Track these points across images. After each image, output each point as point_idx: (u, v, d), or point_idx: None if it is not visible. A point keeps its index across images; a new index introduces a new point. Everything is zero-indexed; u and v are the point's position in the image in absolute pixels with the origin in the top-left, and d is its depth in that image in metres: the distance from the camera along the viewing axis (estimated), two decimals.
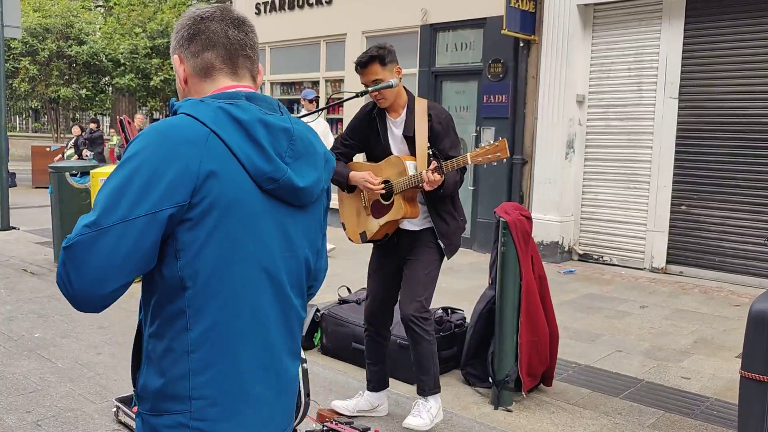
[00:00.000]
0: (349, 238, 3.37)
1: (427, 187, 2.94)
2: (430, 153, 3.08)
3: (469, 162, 2.93)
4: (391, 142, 3.20)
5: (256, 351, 1.34)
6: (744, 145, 6.83)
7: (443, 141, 3.13)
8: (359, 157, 3.39)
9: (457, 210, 3.26)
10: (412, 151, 3.12)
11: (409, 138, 3.13)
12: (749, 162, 6.81)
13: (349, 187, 3.27)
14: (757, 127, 6.75)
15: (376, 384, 3.48)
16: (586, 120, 7.96)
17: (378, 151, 3.24)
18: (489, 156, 2.89)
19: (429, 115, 3.14)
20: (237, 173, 1.27)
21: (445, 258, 3.26)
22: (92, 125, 15.10)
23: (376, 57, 3.05)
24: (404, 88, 3.23)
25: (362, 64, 3.07)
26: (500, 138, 2.96)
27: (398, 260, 3.29)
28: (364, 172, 3.19)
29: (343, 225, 3.44)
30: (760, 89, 6.71)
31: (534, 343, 3.69)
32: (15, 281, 6.30)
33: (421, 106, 3.17)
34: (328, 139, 7.57)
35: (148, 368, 1.33)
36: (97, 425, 3.32)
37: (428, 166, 2.99)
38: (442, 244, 3.18)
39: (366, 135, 3.28)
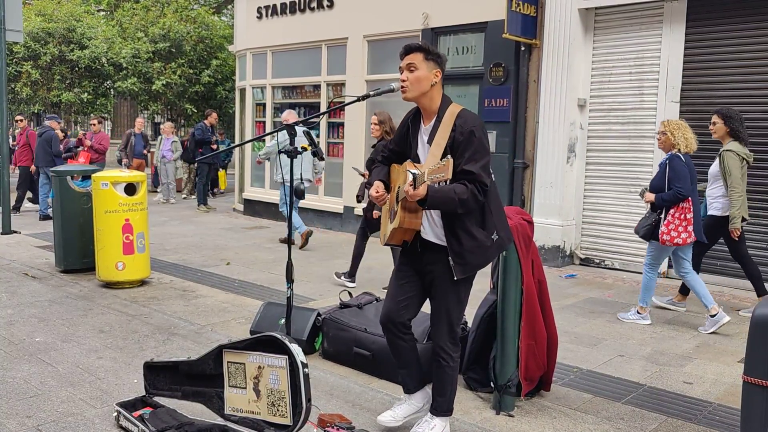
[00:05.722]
0: (379, 239, 3.36)
1: (409, 199, 2.84)
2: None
3: (426, 179, 2.73)
4: (420, 149, 3.11)
5: None
6: None
7: (463, 153, 2.92)
8: None
9: (486, 227, 3.03)
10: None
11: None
12: (749, 166, 6.79)
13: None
14: (757, 132, 6.74)
15: (412, 386, 3.33)
16: (588, 124, 7.96)
17: (411, 158, 3.14)
18: (437, 175, 2.68)
19: (455, 125, 2.97)
20: None
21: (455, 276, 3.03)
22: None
23: (421, 47, 3.03)
24: (444, 95, 3.10)
25: (407, 49, 3.05)
26: (448, 157, 2.75)
27: (419, 268, 3.18)
28: (379, 181, 3.18)
29: None
30: (761, 93, 6.72)
31: (531, 347, 3.69)
32: (16, 285, 6.30)
33: (451, 113, 3.02)
34: None
35: None
36: (97, 430, 3.32)
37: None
38: (451, 261, 3.00)
39: (404, 141, 3.20)
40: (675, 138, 5.30)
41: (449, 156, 2.77)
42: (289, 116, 8.89)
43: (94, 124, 13.26)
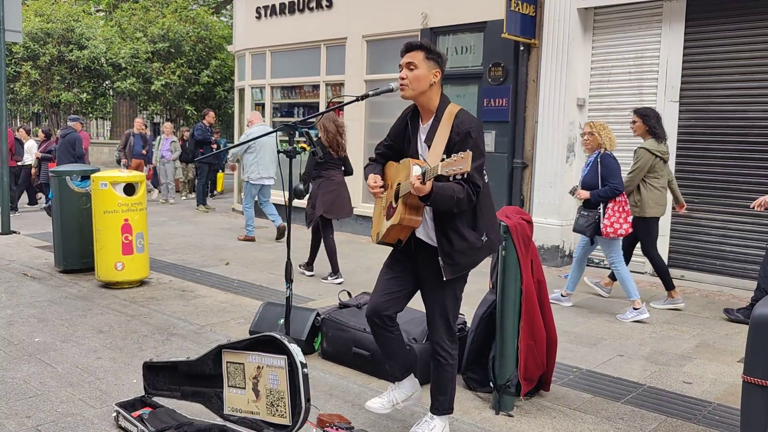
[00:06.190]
0: (371, 237, 3.34)
1: (414, 193, 2.85)
2: None
3: (440, 171, 2.73)
4: (419, 148, 3.11)
5: None
6: (744, 149, 6.83)
7: (458, 154, 2.89)
8: None
9: (476, 229, 3.03)
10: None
11: (430, 146, 3.03)
12: (750, 165, 6.81)
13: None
14: (757, 131, 6.75)
15: (399, 374, 3.31)
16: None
17: (410, 156, 3.14)
18: (454, 168, 2.68)
19: (452, 125, 2.98)
20: None
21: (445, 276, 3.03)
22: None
23: (423, 46, 3.03)
24: (443, 95, 3.10)
25: (408, 47, 3.05)
26: (467, 150, 2.75)
27: (412, 267, 3.18)
28: (376, 174, 3.17)
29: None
30: (761, 92, 6.72)
31: (530, 347, 3.69)
32: (15, 285, 6.29)
33: (450, 113, 3.02)
34: None
35: None
36: (97, 430, 3.32)
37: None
38: (441, 262, 3.00)
39: (402, 138, 3.21)
40: (601, 138, 5.68)
41: (468, 150, 2.77)
42: (254, 117, 9.42)
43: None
